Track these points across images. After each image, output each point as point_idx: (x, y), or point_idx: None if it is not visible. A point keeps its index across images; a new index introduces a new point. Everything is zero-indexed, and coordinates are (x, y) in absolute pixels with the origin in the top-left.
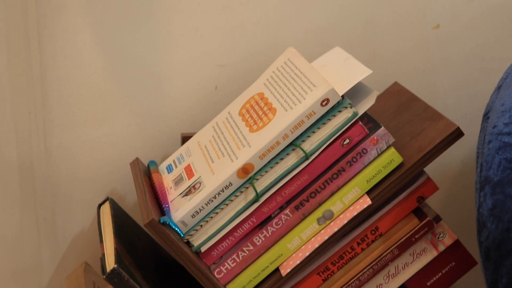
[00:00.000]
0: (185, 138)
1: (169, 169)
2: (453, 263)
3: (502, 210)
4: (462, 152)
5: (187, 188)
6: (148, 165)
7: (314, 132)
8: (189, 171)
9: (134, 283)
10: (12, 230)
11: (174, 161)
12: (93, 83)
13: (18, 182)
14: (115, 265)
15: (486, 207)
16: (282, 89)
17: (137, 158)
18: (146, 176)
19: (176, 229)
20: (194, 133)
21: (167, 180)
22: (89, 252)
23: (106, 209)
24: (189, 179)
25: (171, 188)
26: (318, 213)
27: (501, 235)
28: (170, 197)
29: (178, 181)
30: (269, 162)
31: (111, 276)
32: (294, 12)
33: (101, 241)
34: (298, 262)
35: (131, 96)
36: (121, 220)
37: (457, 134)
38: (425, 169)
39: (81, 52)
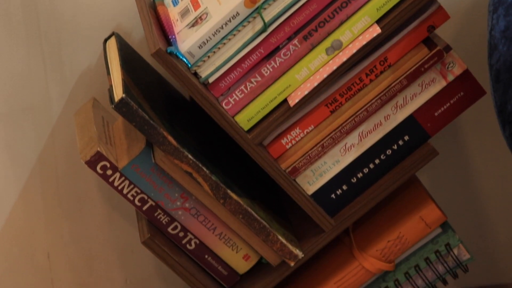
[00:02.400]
0: None
1: (175, 2)
2: (462, 93)
3: None
4: None
5: (194, 19)
6: None
7: None
8: (195, 2)
9: (142, 113)
10: (19, 67)
11: None
12: None
13: (22, 17)
14: (123, 95)
15: (498, 29)
16: None
17: None
18: (152, 9)
19: (184, 59)
20: None
21: (173, 12)
22: (96, 88)
23: (112, 44)
24: (195, 11)
25: (177, 20)
26: (327, 43)
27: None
28: (176, 29)
29: (184, 13)
30: None
31: (120, 106)
32: None
33: (108, 73)
34: (306, 92)
35: None
36: (127, 54)
37: None
38: None
39: None
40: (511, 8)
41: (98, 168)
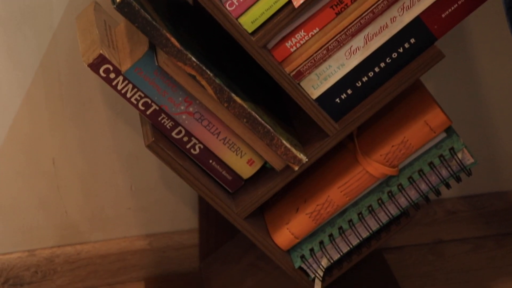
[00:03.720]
0: None
1: None
2: None
3: None
4: None
5: None
6: None
7: None
8: None
9: (145, 13)
10: None
11: None
12: None
13: None
14: None
15: None
16: None
17: None
18: None
19: None
20: None
21: None
22: None
23: None
24: None
25: None
26: None
27: None
28: None
29: None
30: None
31: (121, 6)
32: None
33: None
34: None
35: None
36: None
37: None
38: None
39: None
40: None
41: (101, 71)
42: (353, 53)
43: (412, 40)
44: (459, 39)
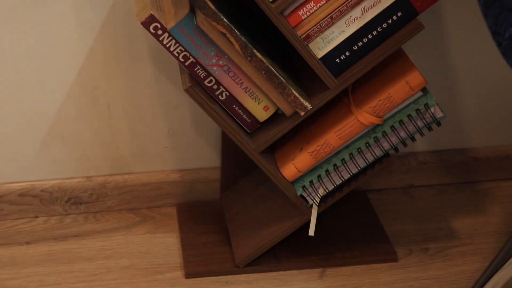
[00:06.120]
0: None
1: None
2: None
3: None
4: None
5: None
6: None
7: None
8: None
9: None
10: None
11: None
12: None
13: None
14: None
15: None
16: None
17: None
18: None
19: None
20: None
21: None
22: None
23: None
24: None
25: None
26: None
27: None
28: None
29: None
30: None
31: None
32: None
33: None
34: None
35: None
36: None
37: None
38: None
39: None
40: None
41: (151, 28)
42: (352, 21)
43: (399, 14)
44: (435, 15)
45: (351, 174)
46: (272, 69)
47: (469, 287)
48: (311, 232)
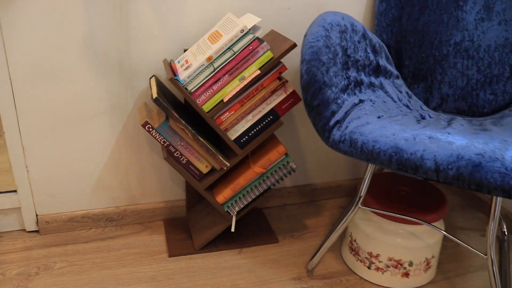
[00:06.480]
0: (185, 50)
1: (179, 62)
2: (292, 99)
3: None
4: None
5: (185, 66)
6: (170, 61)
7: (238, 43)
8: (187, 62)
9: (164, 104)
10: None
11: (180, 58)
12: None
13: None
14: (157, 95)
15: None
16: (225, 27)
17: (165, 59)
18: (169, 65)
19: (181, 82)
20: (188, 48)
21: (177, 66)
22: (147, 96)
23: (153, 79)
24: (186, 63)
25: (179, 69)
26: (240, 76)
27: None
28: (179, 72)
29: (182, 65)
30: (220, 54)
31: (156, 101)
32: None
33: (151, 88)
34: (230, 96)
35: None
36: (159, 84)
37: (293, 45)
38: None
39: None
40: (306, 62)
41: (146, 127)
42: (248, 121)
43: (270, 117)
44: (290, 117)
45: (252, 198)
46: (208, 145)
47: (314, 251)
48: (233, 229)
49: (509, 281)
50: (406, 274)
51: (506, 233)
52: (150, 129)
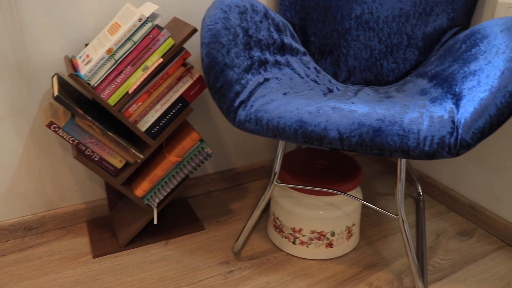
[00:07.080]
0: (86, 44)
1: (80, 57)
2: (199, 84)
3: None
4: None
5: (86, 61)
6: (71, 57)
7: (137, 33)
8: (87, 56)
9: (67, 101)
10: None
11: (82, 54)
12: None
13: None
14: (58, 93)
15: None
16: (124, 17)
17: (66, 55)
18: (70, 62)
19: (82, 77)
20: (89, 42)
21: (79, 62)
22: (50, 96)
23: (55, 78)
24: (87, 58)
25: (81, 64)
26: (143, 66)
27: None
28: (81, 68)
29: (83, 61)
30: (120, 46)
31: (57, 98)
32: None
33: (52, 87)
34: (135, 86)
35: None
36: (63, 82)
37: (193, 30)
38: (185, 45)
39: None
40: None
41: (51, 127)
42: (157, 111)
43: (180, 104)
44: (202, 102)
45: (171, 188)
46: (119, 140)
47: (238, 234)
48: (155, 221)
49: (425, 238)
50: (330, 244)
51: (421, 193)
52: (56, 129)
